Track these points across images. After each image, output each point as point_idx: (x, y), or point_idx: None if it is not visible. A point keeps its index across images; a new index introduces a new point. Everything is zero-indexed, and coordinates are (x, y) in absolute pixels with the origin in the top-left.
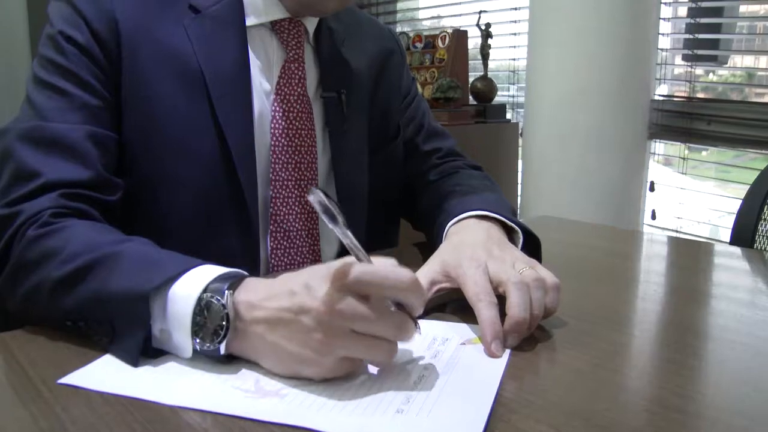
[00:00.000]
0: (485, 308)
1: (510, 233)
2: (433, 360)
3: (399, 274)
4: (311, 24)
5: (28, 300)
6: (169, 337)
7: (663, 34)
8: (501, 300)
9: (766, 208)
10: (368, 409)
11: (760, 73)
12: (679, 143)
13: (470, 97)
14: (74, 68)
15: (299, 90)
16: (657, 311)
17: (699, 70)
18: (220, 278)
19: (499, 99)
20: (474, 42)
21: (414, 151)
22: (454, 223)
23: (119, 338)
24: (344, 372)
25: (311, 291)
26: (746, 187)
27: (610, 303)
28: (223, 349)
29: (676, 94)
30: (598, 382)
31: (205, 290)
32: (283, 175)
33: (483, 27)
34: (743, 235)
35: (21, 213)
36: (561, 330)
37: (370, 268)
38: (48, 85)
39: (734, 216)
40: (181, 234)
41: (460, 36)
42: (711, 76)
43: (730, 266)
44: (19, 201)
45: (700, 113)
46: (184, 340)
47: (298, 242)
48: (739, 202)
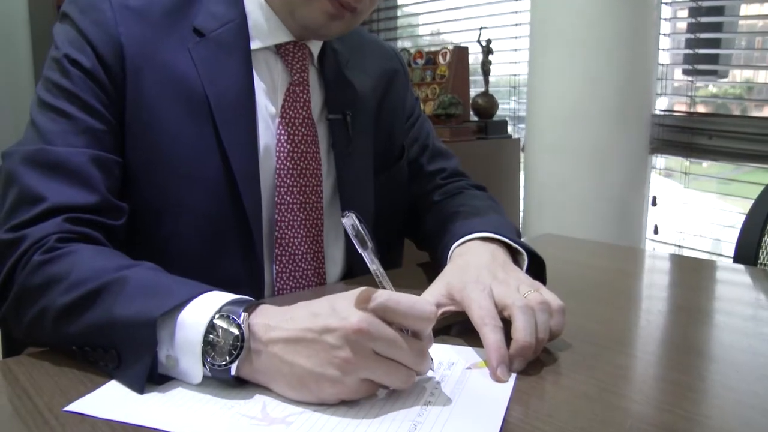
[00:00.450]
0: (490, 332)
1: (514, 255)
2: (440, 385)
3: (423, 305)
4: (315, 47)
5: (33, 326)
6: (176, 363)
7: (663, 49)
8: (506, 323)
9: None
10: None
11: (760, 84)
12: (680, 158)
13: (471, 113)
14: (79, 92)
15: (304, 113)
16: (661, 332)
17: (699, 85)
18: (233, 302)
19: (499, 112)
20: (474, 57)
21: (418, 171)
22: (459, 244)
23: (125, 365)
24: (362, 394)
25: (337, 312)
26: (748, 201)
27: (614, 324)
28: (233, 369)
29: (676, 108)
30: (604, 406)
31: (219, 310)
32: (289, 198)
33: (484, 43)
34: (746, 252)
35: (26, 238)
36: (566, 353)
37: (395, 296)
38: (52, 108)
39: (736, 229)
40: (185, 257)
41: (460, 52)
42: (711, 88)
43: (734, 285)
44: (24, 225)
45: (700, 128)
46: (192, 366)
47: (303, 265)
48: (741, 215)
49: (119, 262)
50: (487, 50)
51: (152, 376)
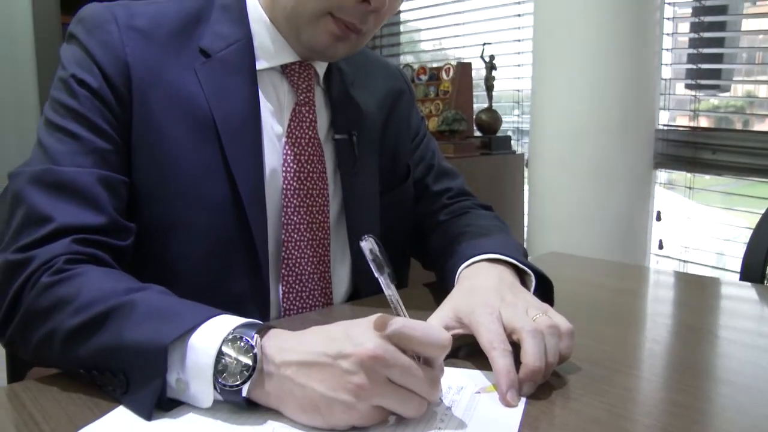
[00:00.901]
0: (500, 356)
1: (522, 276)
2: (450, 410)
3: (438, 333)
4: (321, 67)
5: (41, 348)
6: (186, 386)
7: (666, 64)
8: (515, 347)
9: None
10: None
11: (762, 98)
12: (684, 172)
13: (475, 128)
14: (86, 112)
15: (310, 133)
16: (670, 353)
17: (702, 98)
18: (245, 325)
19: (502, 125)
20: (476, 71)
21: (424, 191)
22: (466, 266)
23: (133, 390)
24: (373, 421)
25: (352, 338)
26: (753, 215)
27: (622, 345)
28: (245, 391)
29: (679, 122)
30: (614, 431)
31: (232, 332)
32: (295, 218)
33: (487, 59)
34: (753, 272)
35: (34, 259)
36: (575, 376)
37: (411, 323)
38: (59, 128)
39: (740, 244)
40: (191, 278)
41: (464, 68)
42: (713, 101)
43: (742, 303)
44: (32, 246)
45: (704, 142)
46: (203, 389)
47: (310, 285)
48: (746, 229)
49: (128, 285)
50: (490, 66)
51: (161, 402)
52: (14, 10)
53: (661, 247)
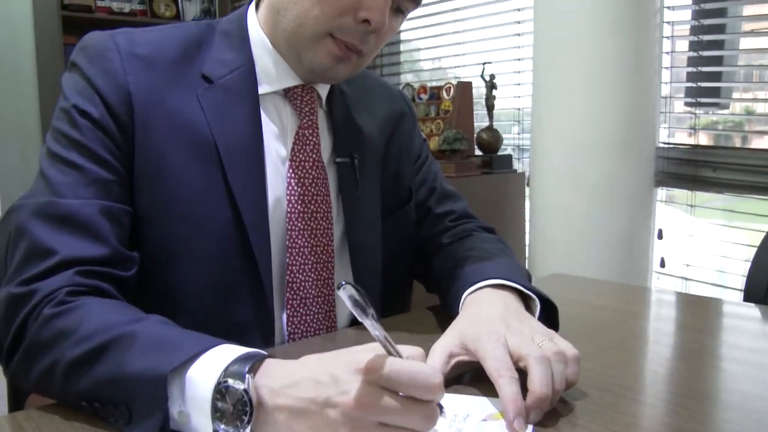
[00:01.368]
0: (506, 384)
1: (526, 300)
2: None
3: (427, 375)
4: (324, 90)
5: (43, 380)
6: (188, 418)
7: (665, 82)
8: (521, 374)
9: None
10: None
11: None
12: (685, 190)
13: (476, 147)
14: (88, 142)
15: (314, 156)
16: (675, 378)
17: (702, 117)
18: (239, 360)
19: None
20: (476, 90)
21: (427, 213)
22: (471, 292)
23: (136, 421)
24: None
25: (339, 384)
26: (755, 233)
27: (628, 369)
28: None
29: (679, 139)
30: None
31: (225, 372)
32: (300, 242)
33: (487, 78)
34: (756, 292)
35: (37, 292)
36: (582, 402)
37: (398, 366)
38: (62, 159)
39: (741, 260)
40: (195, 304)
41: (464, 87)
42: (713, 117)
43: (746, 326)
44: (35, 279)
45: (705, 160)
46: (204, 423)
47: (314, 309)
48: (747, 247)
49: (129, 316)
50: (490, 85)
51: None
52: (16, 31)
53: (663, 265)
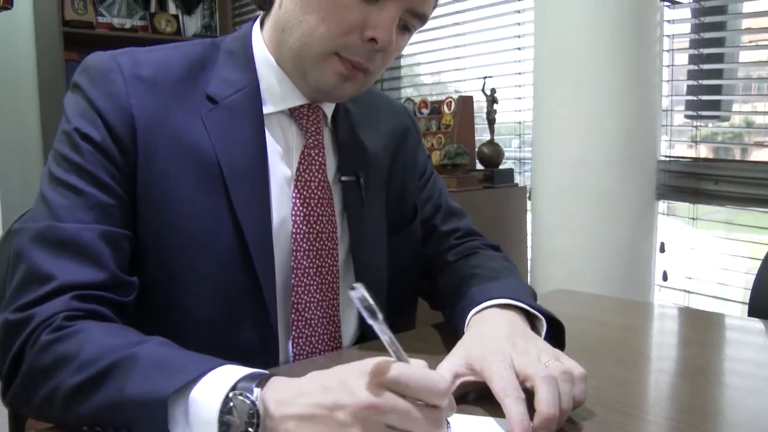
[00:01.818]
0: (513, 404)
1: (532, 320)
2: None
3: (435, 379)
4: (329, 108)
5: (44, 406)
6: None
7: (666, 95)
8: (528, 394)
9: None
10: None
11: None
12: (687, 203)
13: (477, 161)
14: (89, 166)
15: (320, 176)
16: (680, 395)
17: (703, 130)
18: (246, 378)
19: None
20: (477, 104)
21: (432, 231)
22: (476, 312)
23: None
24: None
25: (347, 387)
26: (757, 246)
27: (634, 386)
28: None
29: (680, 152)
30: None
31: (233, 389)
32: (305, 262)
33: (488, 92)
34: (761, 307)
35: (33, 317)
36: (589, 422)
37: (408, 369)
38: (62, 183)
39: (743, 273)
40: (199, 327)
41: (465, 101)
42: (712, 128)
43: (750, 342)
44: (32, 305)
45: (706, 173)
46: None
47: (319, 330)
48: (749, 259)
49: (129, 339)
50: (491, 99)
51: None
52: (18, 47)
53: (665, 278)
